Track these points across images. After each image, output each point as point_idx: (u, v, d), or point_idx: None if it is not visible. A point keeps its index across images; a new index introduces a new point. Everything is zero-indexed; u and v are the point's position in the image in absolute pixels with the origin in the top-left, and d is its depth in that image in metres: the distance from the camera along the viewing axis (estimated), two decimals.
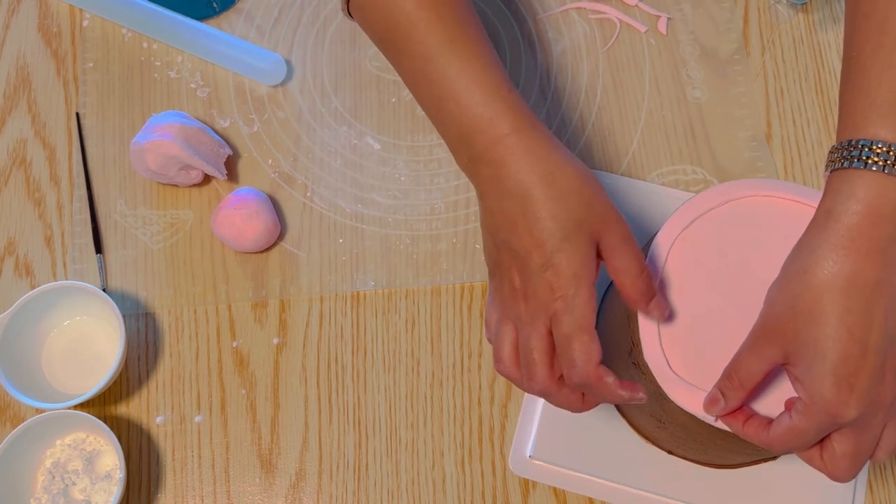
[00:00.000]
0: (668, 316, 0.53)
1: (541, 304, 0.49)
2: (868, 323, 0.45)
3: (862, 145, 0.46)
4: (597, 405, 0.52)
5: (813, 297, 0.46)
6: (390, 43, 0.55)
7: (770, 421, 0.49)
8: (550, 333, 0.50)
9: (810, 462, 0.49)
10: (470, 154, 0.52)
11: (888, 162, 0.45)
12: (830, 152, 0.48)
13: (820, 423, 0.46)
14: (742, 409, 0.50)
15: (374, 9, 0.54)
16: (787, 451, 0.48)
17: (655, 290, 0.52)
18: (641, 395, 0.49)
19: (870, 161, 0.45)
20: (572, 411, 0.51)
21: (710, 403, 0.50)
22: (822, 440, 0.48)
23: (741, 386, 0.49)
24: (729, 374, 0.50)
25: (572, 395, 0.51)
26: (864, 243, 0.45)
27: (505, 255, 0.51)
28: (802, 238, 0.49)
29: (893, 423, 0.47)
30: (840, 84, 0.51)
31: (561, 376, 0.50)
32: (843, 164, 0.46)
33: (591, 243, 0.50)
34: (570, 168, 0.51)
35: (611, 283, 0.69)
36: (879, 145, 0.45)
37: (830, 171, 0.48)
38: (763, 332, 0.49)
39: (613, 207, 0.51)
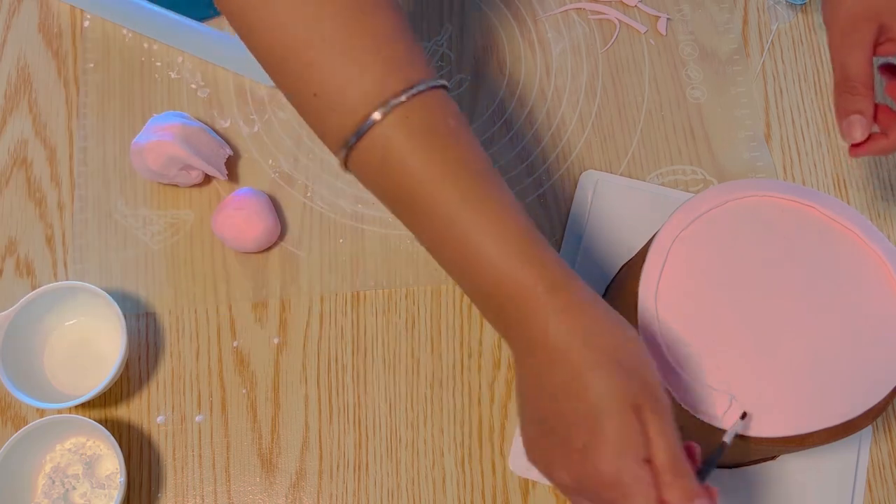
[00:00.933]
0: (667, 320, 0.53)
1: (592, 494, 0.43)
2: None
3: None
4: None
5: None
6: (399, 201, 0.48)
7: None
8: None
9: None
10: (501, 317, 0.46)
11: None
12: None
13: None
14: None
15: (376, 167, 0.47)
16: None
17: (694, 492, 0.42)
18: None
19: None
20: None
21: (850, 127, 0.49)
22: None
23: (865, 86, 0.48)
24: (847, 86, 0.49)
25: None
26: None
27: (545, 429, 0.45)
28: None
29: None
30: None
31: None
32: None
33: (634, 413, 0.42)
34: (613, 330, 0.44)
35: (610, 283, 0.69)
36: None
37: None
38: (848, 25, 0.49)
39: (657, 377, 0.44)
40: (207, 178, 0.74)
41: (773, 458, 0.65)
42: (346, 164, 0.48)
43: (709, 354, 0.52)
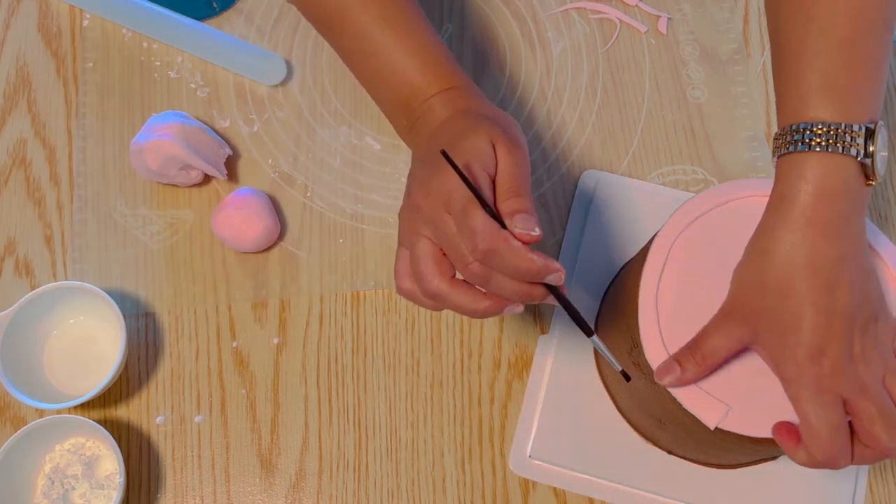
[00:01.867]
0: (667, 320, 0.53)
1: (437, 202, 0.49)
2: (831, 294, 0.47)
3: (803, 129, 0.48)
4: (504, 304, 0.48)
5: (778, 277, 0.48)
6: (327, 24, 0.58)
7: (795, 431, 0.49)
8: (436, 243, 0.49)
9: (868, 458, 0.48)
10: (407, 117, 0.56)
11: (830, 141, 0.47)
12: (775, 139, 0.50)
13: (814, 397, 0.47)
14: (793, 430, 0.50)
15: None
16: (829, 450, 0.47)
17: (533, 209, 0.48)
18: (556, 266, 0.46)
19: (813, 143, 0.47)
20: (479, 314, 0.49)
21: (663, 371, 0.51)
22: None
23: (703, 361, 0.50)
24: (691, 346, 0.51)
25: (469, 291, 0.48)
26: (819, 222, 0.47)
27: (415, 188, 0.51)
28: (762, 221, 0.50)
29: (891, 375, 0.49)
30: (773, 73, 0.53)
31: (453, 277, 0.49)
32: (788, 148, 0.48)
33: (489, 140, 0.50)
34: (489, 109, 0.54)
35: (610, 283, 0.69)
36: (819, 126, 0.47)
37: (778, 157, 0.49)
38: (731, 312, 0.51)
39: (520, 136, 0.53)
40: (207, 178, 0.74)
41: (773, 458, 0.65)
42: None
43: None
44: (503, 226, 0.47)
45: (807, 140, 0.47)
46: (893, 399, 0.48)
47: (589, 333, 0.50)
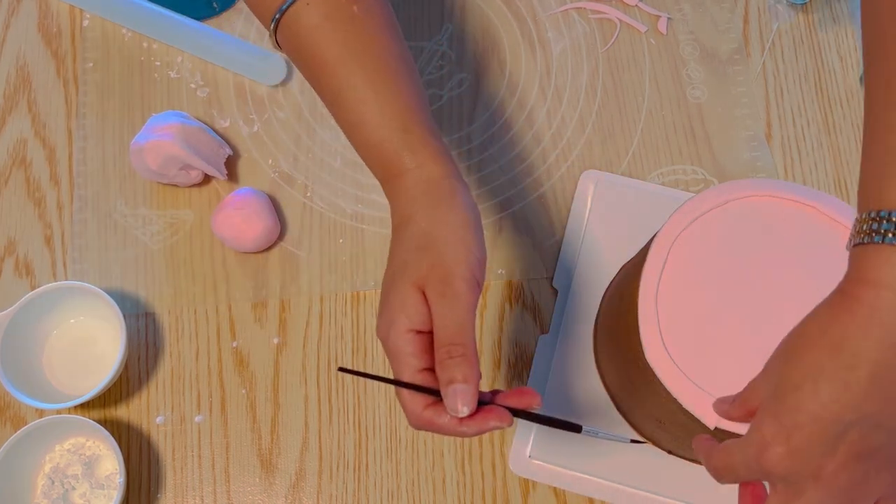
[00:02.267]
0: (667, 320, 0.53)
1: (386, 349, 0.49)
2: (841, 392, 0.40)
3: (882, 217, 0.40)
4: (478, 429, 0.48)
5: (797, 345, 0.43)
6: (310, 74, 0.56)
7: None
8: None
9: None
10: (382, 180, 0.54)
11: None
12: (855, 224, 0.43)
13: (747, 458, 0.43)
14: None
15: (292, 43, 0.55)
16: (719, 474, 0.47)
17: (469, 374, 0.46)
18: (492, 424, 0.46)
19: (890, 234, 0.40)
20: (466, 436, 0.49)
21: (715, 404, 0.50)
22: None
23: (741, 405, 0.48)
24: (739, 393, 0.49)
25: (448, 424, 0.48)
26: (867, 313, 0.40)
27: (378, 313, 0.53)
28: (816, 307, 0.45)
29: None
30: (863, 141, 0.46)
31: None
32: (867, 238, 0.41)
33: (414, 288, 0.48)
34: (432, 212, 0.50)
35: (610, 283, 0.69)
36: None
37: (853, 245, 0.42)
38: (762, 371, 0.47)
39: (461, 266, 0.48)
40: (207, 178, 0.74)
41: None
42: (276, 41, 0.56)
43: (709, 354, 0.52)
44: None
45: (883, 230, 0.40)
46: None
47: (577, 430, 0.51)
